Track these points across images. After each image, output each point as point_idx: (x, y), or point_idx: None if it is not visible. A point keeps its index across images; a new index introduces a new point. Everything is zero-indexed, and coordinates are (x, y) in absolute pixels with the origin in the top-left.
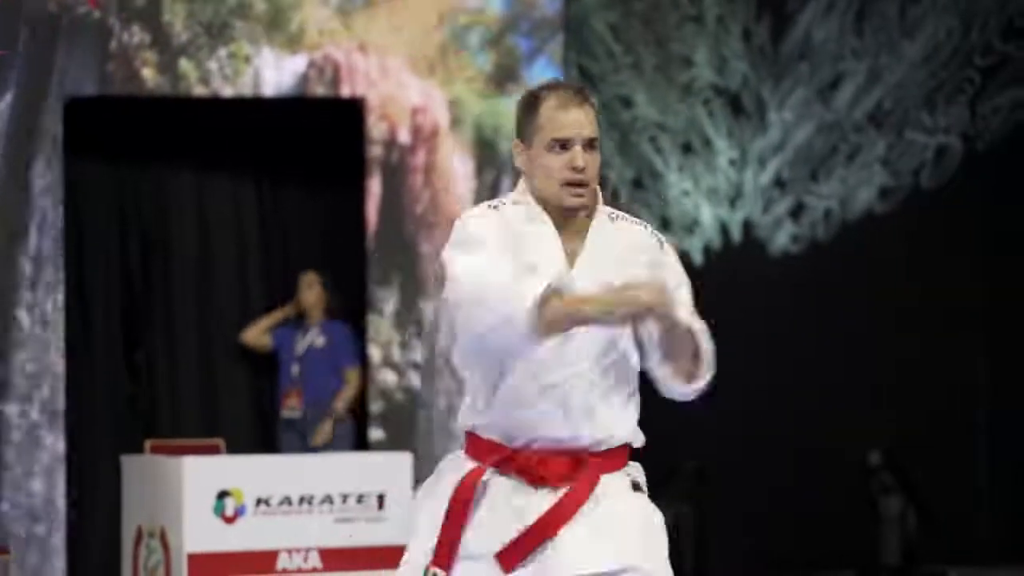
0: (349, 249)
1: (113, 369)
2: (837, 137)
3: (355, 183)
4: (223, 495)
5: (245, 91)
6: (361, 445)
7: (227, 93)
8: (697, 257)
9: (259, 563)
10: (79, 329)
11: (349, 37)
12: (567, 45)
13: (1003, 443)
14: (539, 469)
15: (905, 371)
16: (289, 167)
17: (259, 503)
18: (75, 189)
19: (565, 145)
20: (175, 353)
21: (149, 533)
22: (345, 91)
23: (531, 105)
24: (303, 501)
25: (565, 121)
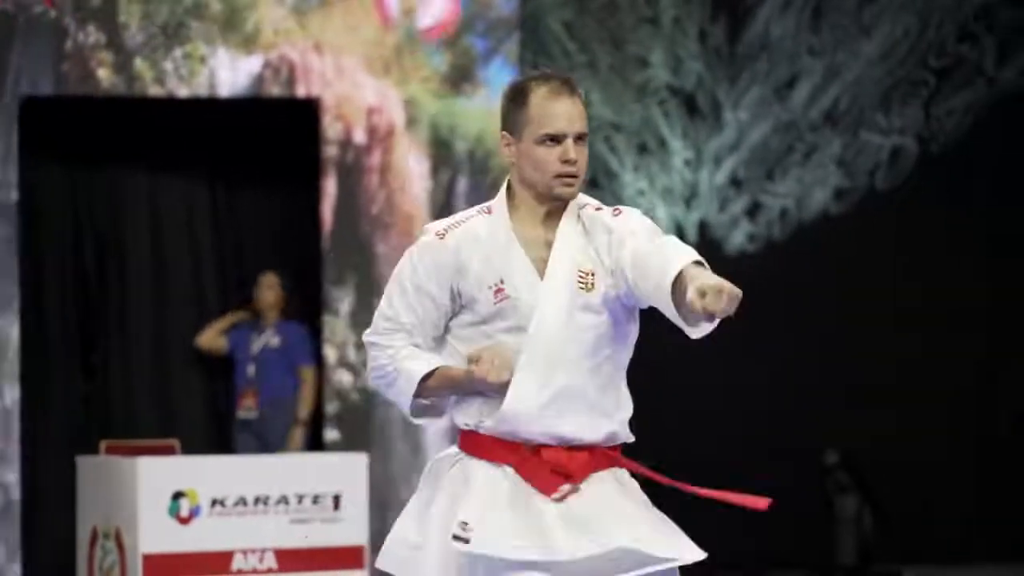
0: (304, 249)
1: (68, 370)
2: (793, 136)
3: (310, 183)
4: (178, 496)
5: (200, 91)
6: (316, 446)
7: (183, 93)
8: None
9: (214, 564)
10: (34, 330)
11: (304, 37)
12: (523, 45)
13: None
14: (568, 464)
15: (865, 370)
16: (244, 167)
17: (214, 504)
18: (30, 188)
19: (557, 139)
20: (130, 354)
21: (104, 534)
22: (300, 91)
23: (519, 97)
24: (258, 502)
25: (556, 114)
